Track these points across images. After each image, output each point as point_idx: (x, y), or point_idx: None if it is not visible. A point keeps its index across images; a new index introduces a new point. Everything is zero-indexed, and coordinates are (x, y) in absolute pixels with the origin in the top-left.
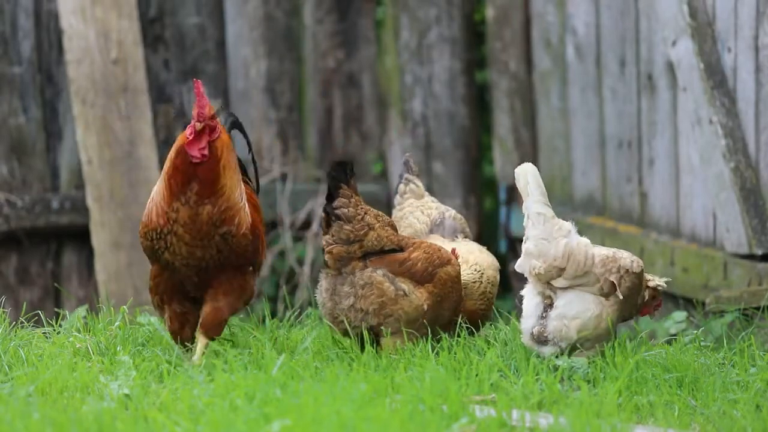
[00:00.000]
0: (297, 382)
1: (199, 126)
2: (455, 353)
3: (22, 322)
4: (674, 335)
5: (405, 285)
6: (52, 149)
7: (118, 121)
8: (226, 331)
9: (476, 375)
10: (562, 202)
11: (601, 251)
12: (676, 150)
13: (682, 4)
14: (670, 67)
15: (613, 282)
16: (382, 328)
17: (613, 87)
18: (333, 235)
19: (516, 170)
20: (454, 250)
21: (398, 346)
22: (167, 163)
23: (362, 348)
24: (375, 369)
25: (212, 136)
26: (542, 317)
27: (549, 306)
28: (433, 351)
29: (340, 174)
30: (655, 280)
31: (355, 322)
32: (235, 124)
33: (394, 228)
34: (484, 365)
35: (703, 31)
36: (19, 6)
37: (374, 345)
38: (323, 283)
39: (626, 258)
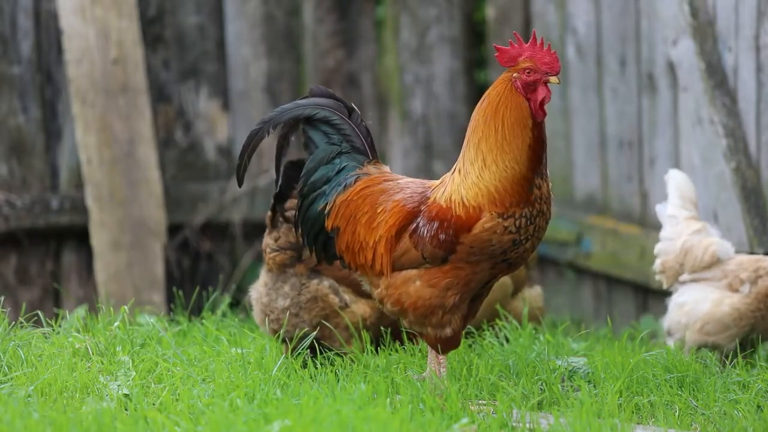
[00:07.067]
0: (297, 382)
1: (556, 80)
2: (455, 354)
3: (21, 322)
4: None
5: (347, 296)
6: (52, 149)
7: (117, 121)
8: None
9: (476, 375)
10: (563, 201)
11: (746, 257)
12: (677, 150)
13: (683, 4)
14: (671, 67)
15: (741, 278)
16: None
17: (613, 87)
18: (278, 239)
19: (665, 176)
20: None
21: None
22: (517, 133)
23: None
24: (375, 369)
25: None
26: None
27: None
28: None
29: (296, 174)
30: None
31: (288, 326)
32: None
33: None
34: (484, 365)
35: (704, 30)
36: (18, 6)
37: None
38: (263, 276)
39: None
